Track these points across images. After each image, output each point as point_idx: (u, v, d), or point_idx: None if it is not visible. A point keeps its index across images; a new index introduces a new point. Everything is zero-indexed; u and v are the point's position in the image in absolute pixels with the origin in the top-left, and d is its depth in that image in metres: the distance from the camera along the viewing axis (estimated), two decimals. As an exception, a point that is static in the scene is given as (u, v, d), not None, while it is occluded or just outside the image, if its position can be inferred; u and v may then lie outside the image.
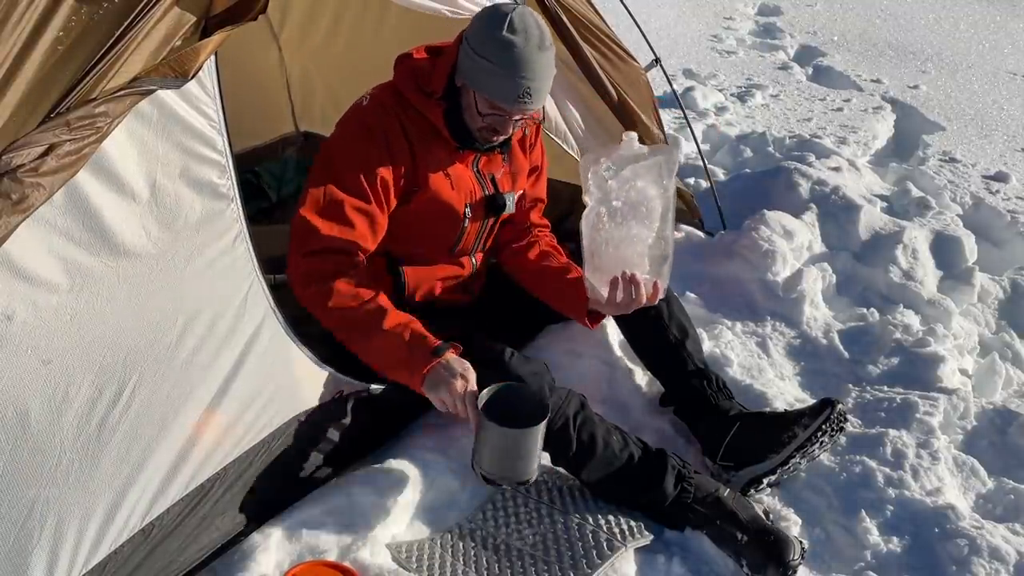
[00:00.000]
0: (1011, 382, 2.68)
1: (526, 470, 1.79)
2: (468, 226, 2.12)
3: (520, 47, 1.82)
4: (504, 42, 1.82)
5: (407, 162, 1.97)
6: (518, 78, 1.83)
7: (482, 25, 1.87)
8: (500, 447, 1.77)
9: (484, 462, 1.78)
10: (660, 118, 2.89)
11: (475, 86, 1.89)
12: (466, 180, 2.08)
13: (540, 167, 2.30)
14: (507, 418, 1.74)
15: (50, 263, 1.30)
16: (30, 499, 1.36)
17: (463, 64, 1.90)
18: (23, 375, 1.31)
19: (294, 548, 1.75)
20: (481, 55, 1.84)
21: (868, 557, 1.95)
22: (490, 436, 1.75)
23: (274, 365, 1.74)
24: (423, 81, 1.96)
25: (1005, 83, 5.70)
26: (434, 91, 1.94)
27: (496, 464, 1.78)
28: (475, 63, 1.86)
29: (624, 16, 3.00)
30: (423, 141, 1.98)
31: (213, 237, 1.54)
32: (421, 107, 1.96)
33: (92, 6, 1.30)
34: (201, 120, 1.46)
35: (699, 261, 3.00)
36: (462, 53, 1.90)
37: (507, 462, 1.78)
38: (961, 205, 3.79)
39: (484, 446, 1.78)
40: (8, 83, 1.22)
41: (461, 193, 2.07)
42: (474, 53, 1.86)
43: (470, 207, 2.10)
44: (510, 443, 1.76)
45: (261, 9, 1.40)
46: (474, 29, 1.89)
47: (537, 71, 1.85)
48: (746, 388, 2.38)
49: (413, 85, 1.96)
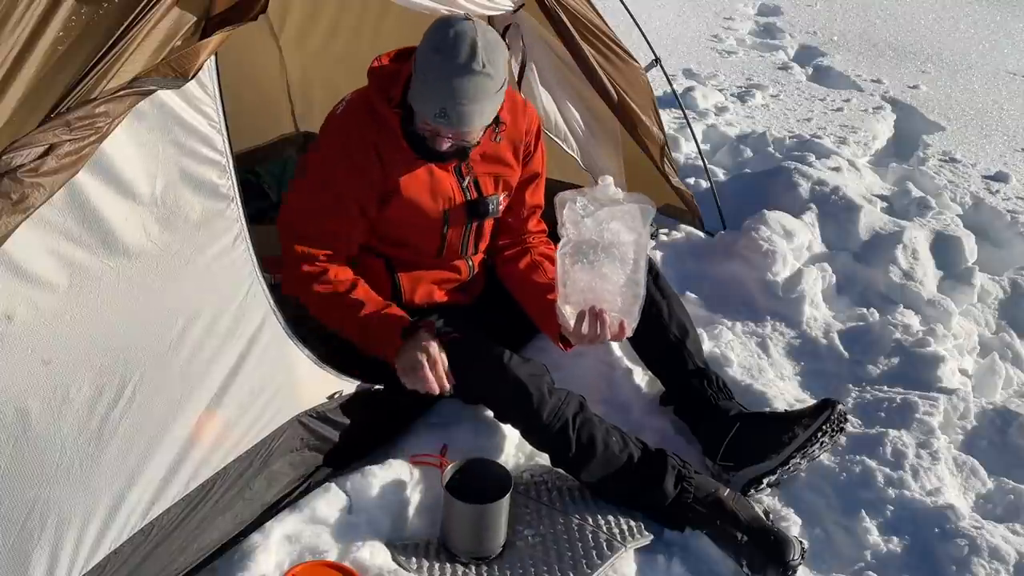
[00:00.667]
0: (1011, 382, 2.67)
1: (493, 545, 1.85)
2: (448, 231, 2.11)
3: (441, 67, 1.79)
4: (429, 59, 1.82)
5: (376, 171, 1.98)
6: (435, 96, 1.83)
7: (424, 38, 1.86)
8: (470, 524, 1.83)
9: (454, 541, 1.84)
10: (660, 118, 2.89)
11: (409, 97, 1.91)
12: (445, 185, 2.07)
13: (539, 174, 2.28)
14: (473, 492, 1.81)
15: (51, 263, 1.30)
16: (31, 499, 1.36)
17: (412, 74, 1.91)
18: (24, 375, 1.31)
19: (294, 548, 1.75)
20: (416, 72, 1.85)
21: (868, 557, 1.95)
22: (458, 514, 1.82)
23: (274, 365, 1.74)
24: (386, 88, 1.96)
25: (1005, 83, 5.70)
26: (393, 98, 1.95)
27: (467, 541, 1.83)
28: (413, 75, 1.87)
29: (624, 16, 2.99)
30: (393, 148, 1.98)
31: (213, 237, 1.54)
32: (384, 114, 1.96)
33: (92, 6, 1.30)
34: (201, 120, 1.46)
35: (699, 261, 3.00)
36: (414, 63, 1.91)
37: (476, 538, 1.83)
38: (961, 205, 3.78)
39: (452, 525, 1.84)
40: (8, 83, 1.22)
41: (438, 199, 2.06)
42: (414, 64, 1.87)
43: (448, 212, 2.09)
44: (479, 519, 1.82)
45: (261, 9, 1.40)
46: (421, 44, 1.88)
47: (456, 93, 1.80)
48: (746, 388, 2.38)
49: (379, 92, 1.97)
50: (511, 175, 2.18)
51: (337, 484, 1.88)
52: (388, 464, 1.94)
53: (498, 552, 1.85)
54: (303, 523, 1.80)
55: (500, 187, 2.16)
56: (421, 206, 2.05)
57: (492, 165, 2.13)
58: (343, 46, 3.26)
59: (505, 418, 2.05)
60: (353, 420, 1.97)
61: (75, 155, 1.23)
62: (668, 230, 3.15)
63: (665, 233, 3.12)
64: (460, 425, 2.11)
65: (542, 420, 1.92)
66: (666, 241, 3.07)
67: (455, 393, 2.02)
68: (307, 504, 1.83)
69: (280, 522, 1.78)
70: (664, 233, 3.12)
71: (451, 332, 2.04)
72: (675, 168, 3.06)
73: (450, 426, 2.11)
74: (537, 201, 2.31)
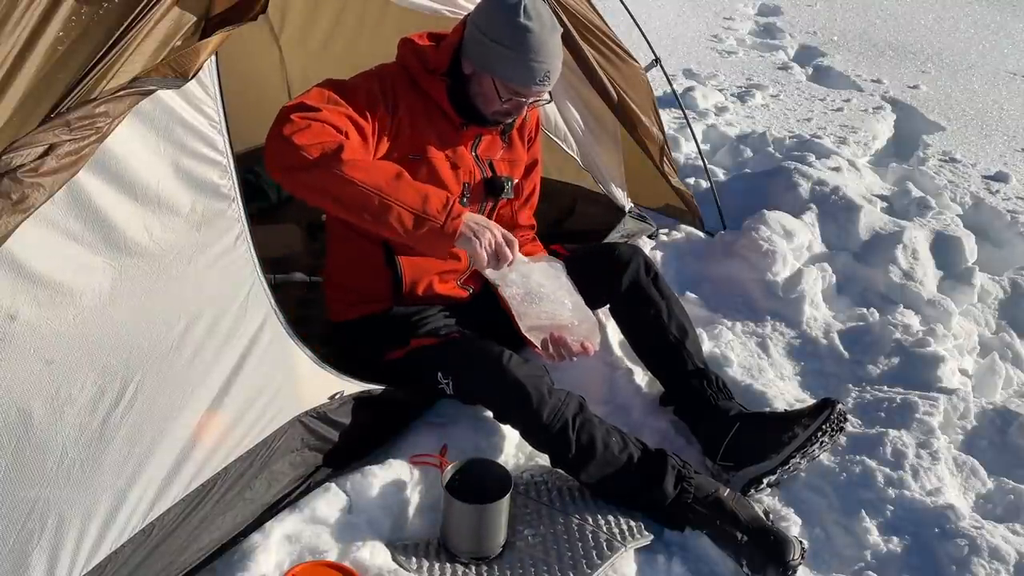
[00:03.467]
0: (1011, 382, 2.68)
1: (493, 545, 1.85)
2: (466, 206, 2.11)
3: (536, 32, 1.86)
4: (521, 27, 1.85)
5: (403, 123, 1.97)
6: (537, 62, 1.88)
7: (494, 10, 1.89)
8: (470, 524, 1.82)
9: (454, 541, 1.84)
10: (660, 118, 2.89)
11: (492, 72, 1.92)
12: (466, 160, 2.10)
13: (537, 161, 2.32)
14: (472, 492, 1.81)
15: (53, 263, 1.30)
16: (31, 499, 1.36)
17: (474, 51, 1.92)
18: (26, 374, 1.31)
19: (294, 548, 1.75)
20: (496, 41, 1.87)
21: (868, 557, 1.95)
22: (457, 514, 1.81)
23: (275, 365, 1.74)
24: (426, 59, 1.99)
25: (1005, 83, 5.70)
26: (437, 68, 1.97)
27: (467, 541, 1.83)
28: (490, 49, 1.89)
29: (624, 16, 3.00)
30: (426, 115, 2.00)
31: (214, 237, 1.54)
32: (425, 83, 1.98)
33: (92, 6, 1.30)
34: (202, 120, 1.46)
35: (699, 261, 3.00)
36: (470, 39, 1.92)
37: (476, 538, 1.83)
38: (961, 205, 3.78)
39: (452, 525, 1.83)
40: (8, 83, 1.22)
41: (460, 172, 2.08)
42: (487, 39, 1.88)
43: (468, 187, 2.11)
44: (479, 519, 1.81)
45: (261, 9, 1.41)
46: (485, 15, 1.91)
47: (553, 53, 1.91)
48: (746, 388, 2.39)
49: (416, 63, 1.99)
50: (519, 160, 2.23)
51: (337, 484, 1.88)
52: (388, 464, 1.94)
53: (498, 552, 1.85)
54: (303, 523, 1.80)
55: (512, 171, 2.22)
56: (444, 178, 2.06)
57: (505, 150, 2.19)
58: (343, 46, 3.26)
59: (505, 419, 2.04)
60: (353, 420, 1.97)
61: (75, 155, 1.23)
62: (668, 230, 3.15)
63: (665, 233, 3.13)
64: (460, 425, 2.11)
65: (542, 421, 1.92)
66: (666, 241, 3.07)
67: (455, 393, 2.02)
68: (307, 504, 1.83)
69: (280, 522, 1.78)
70: (664, 233, 3.12)
71: (452, 330, 2.04)
72: (675, 168, 3.06)
73: (450, 426, 2.11)
74: (531, 188, 2.35)
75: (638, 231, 3.05)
